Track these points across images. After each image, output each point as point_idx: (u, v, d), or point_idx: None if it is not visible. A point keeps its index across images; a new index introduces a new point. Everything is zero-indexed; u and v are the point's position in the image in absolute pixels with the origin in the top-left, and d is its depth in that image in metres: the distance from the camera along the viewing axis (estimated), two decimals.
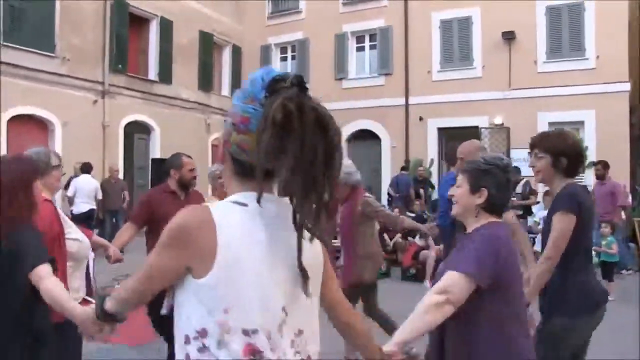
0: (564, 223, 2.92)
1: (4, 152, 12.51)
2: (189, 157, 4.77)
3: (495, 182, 2.34)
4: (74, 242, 3.15)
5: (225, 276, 1.42)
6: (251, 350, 1.43)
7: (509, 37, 15.68)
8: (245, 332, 1.43)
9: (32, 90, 13.07)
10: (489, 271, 2.17)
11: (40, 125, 13.61)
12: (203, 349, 1.44)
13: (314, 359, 1.59)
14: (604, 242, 8.50)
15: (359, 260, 4.86)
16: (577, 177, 3.13)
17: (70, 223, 3.27)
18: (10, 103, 12.48)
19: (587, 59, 15.10)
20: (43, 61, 13.46)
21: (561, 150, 3.08)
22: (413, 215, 11.55)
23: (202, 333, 1.44)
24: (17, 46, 12.84)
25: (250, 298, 1.44)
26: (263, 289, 1.46)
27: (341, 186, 4.67)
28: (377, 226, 6.06)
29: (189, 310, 1.46)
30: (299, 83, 1.50)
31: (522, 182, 11.39)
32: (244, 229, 1.46)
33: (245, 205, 1.48)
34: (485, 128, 16.02)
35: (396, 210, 11.38)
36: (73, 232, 3.21)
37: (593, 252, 8.55)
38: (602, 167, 10.78)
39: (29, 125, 13.18)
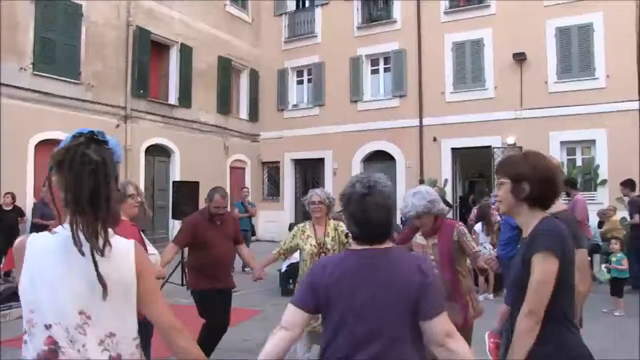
0: (546, 265, 2.34)
1: (30, 175, 13.07)
2: (224, 196, 5.57)
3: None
4: (152, 257, 3.98)
5: (29, 285, 1.85)
6: (51, 341, 1.83)
7: (520, 58, 15.98)
8: (46, 327, 1.83)
9: (59, 115, 13.60)
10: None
11: None
12: (25, 343, 1.89)
13: (125, 358, 1.91)
14: (613, 259, 8.68)
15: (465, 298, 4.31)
16: (587, 196, 3.25)
17: (147, 241, 4.12)
18: (38, 128, 13.03)
19: (597, 78, 15.32)
20: (69, 88, 14.02)
21: (522, 174, 2.50)
22: None
23: (25, 331, 1.90)
24: (46, 74, 13.43)
25: (46, 301, 1.83)
26: (56, 295, 1.82)
27: (424, 217, 4.24)
28: None
29: None
30: (90, 137, 1.89)
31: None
32: (46, 250, 1.86)
33: (56, 232, 1.89)
34: (498, 148, 16.24)
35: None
36: (149, 249, 4.00)
37: (604, 269, 8.83)
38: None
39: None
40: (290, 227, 13.66)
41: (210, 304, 5.39)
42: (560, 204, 3.00)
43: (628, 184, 10.75)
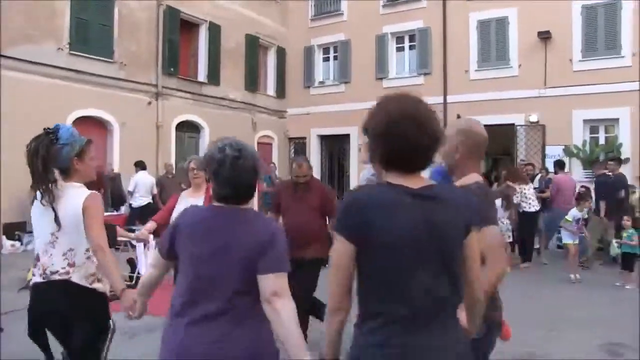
0: (335, 247, 1.95)
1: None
2: (300, 165, 5.47)
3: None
4: None
5: (33, 223, 3.30)
6: (35, 255, 3.23)
7: (544, 36, 16.03)
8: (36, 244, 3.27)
9: (94, 93, 14.20)
10: None
11: (100, 125, 14.74)
12: None
13: (78, 264, 3.14)
14: (625, 234, 8.97)
15: None
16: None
17: None
18: (75, 105, 13.65)
19: (623, 56, 15.28)
20: (103, 67, 14.58)
21: (365, 127, 2.06)
22: None
23: None
24: (82, 54, 14.02)
25: (35, 232, 3.27)
26: (37, 228, 3.24)
27: None
28: None
29: None
30: (47, 133, 3.14)
31: (539, 176, 11.74)
32: (35, 205, 3.20)
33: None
34: (521, 125, 16.42)
35: None
36: None
37: (615, 243, 9.12)
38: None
39: (91, 125, 14.28)
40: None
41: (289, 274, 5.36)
42: (473, 176, 2.69)
43: None
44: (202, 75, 18.03)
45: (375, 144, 2.00)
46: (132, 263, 8.64)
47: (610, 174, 11.32)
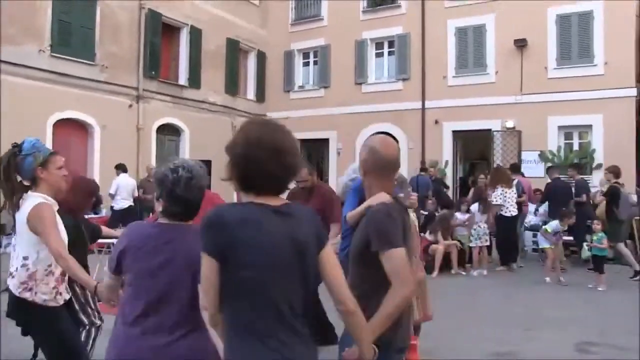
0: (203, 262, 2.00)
1: None
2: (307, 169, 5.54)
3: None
4: None
5: None
6: None
7: (521, 44, 16.40)
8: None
9: (75, 95, 14.20)
10: None
11: (81, 128, 14.73)
12: None
13: (14, 272, 3.35)
14: (595, 237, 9.28)
15: None
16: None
17: None
18: (56, 108, 13.64)
19: (595, 65, 15.72)
20: (85, 69, 14.60)
21: (226, 147, 2.09)
22: (426, 213, 12.33)
23: None
24: (64, 56, 14.03)
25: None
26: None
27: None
28: None
29: None
30: (13, 147, 3.38)
31: (515, 182, 12.02)
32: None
33: None
34: (498, 131, 16.77)
35: None
36: None
37: (585, 246, 9.43)
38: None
39: (72, 128, 14.32)
40: None
41: None
42: (380, 195, 2.62)
43: (612, 170, 11.28)
44: (182, 79, 18.08)
45: (232, 165, 2.04)
46: None
47: (571, 179, 12.07)
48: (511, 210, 10.92)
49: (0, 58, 12.37)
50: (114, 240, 8.14)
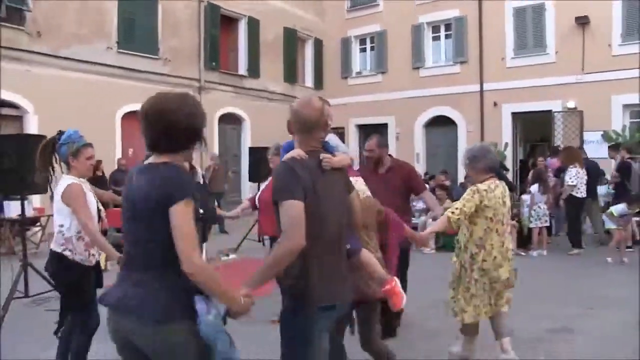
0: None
1: (119, 143, 14.37)
2: (372, 140, 5.65)
3: None
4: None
5: None
6: None
7: (582, 21, 16.00)
8: None
9: (140, 89, 14.74)
10: None
11: None
12: None
13: (54, 234, 4.09)
14: None
15: None
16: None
17: None
18: (123, 101, 14.28)
19: None
20: (149, 63, 15.23)
21: None
22: None
23: None
24: (129, 52, 14.70)
25: None
26: None
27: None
28: None
29: None
30: (57, 134, 4.07)
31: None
32: None
33: None
34: (558, 112, 16.46)
35: None
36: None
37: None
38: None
39: (139, 120, 14.92)
40: None
41: None
42: (294, 151, 2.75)
43: None
44: (242, 69, 18.54)
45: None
46: None
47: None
48: (582, 192, 10.74)
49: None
50: None
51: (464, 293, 4.50)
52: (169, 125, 2.31)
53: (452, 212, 4.36)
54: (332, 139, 3.32)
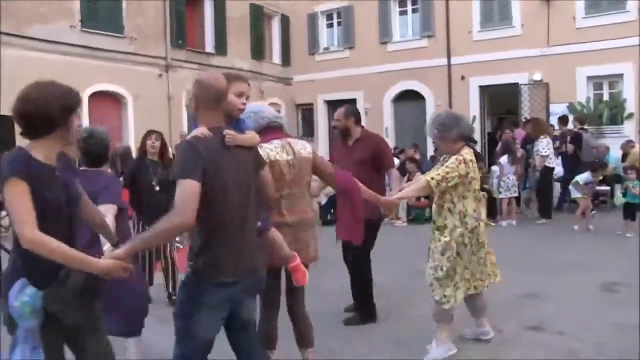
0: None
1: (86, 124, 14.13)
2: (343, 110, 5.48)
3: None
4: None
5: None
6: None
7: None
8: None
9: (107, 68, 14.59)
10: None
11: (114, 99, 15.17)
12: None
13: None
14: (631, 185, 9.33)
15: None
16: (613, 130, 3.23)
17: None
18: (89, 81, 14.03)
19: (628, 11, 15.29)
20: (114, 42, 14.95)
21: None
22: None
23: None
24: (93, 30, 14.42)
25: None
26: None
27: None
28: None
29: None
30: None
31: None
32: None
33: None
34: (525, 84, 16.69)
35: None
36: None
37: (619, 193, 9.55)
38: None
39: (106, 99, 14.76)
40: None
41: None
42: (199, 129, 2.70)
43: None
44: (209, 46, 18.35)
45: None
46: None
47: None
48: (553, 162, 11.01)
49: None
50: None
51: (463, 271, 4.22)
52: (24, 114, 2.41)
53: (432, 177, 4.04)
54: (265, 110, 3.57)
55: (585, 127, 12.92)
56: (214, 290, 2.67)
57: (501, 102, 19.18)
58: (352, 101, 19.99)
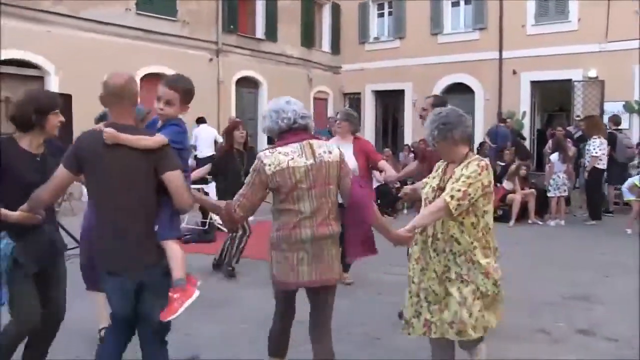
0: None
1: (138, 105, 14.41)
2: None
3: None
4: None
5: None
6: None
7: None
8: None
9: (159, 51, 14.83)
10: None
11: None
12: None
13: None
14: None
15: None
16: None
17: None
18: (142, 63, 14.29)
19: None
20: (167, 25, 15.18)
21: None
22: (503, 163, 12.31)
23: None
24: (148, 13, 14.66)
25: None
26: None
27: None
28: None
29: None
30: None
31: None
32: None
33: None
34: (579, 81, 16.25)
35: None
36: None
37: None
38: None
39: (157, 82, 14.82)
40: None
41: None
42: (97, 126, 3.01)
43: None
44: (260, 32, 18.45)
45: None
46: (203, 210, 9.19)
47: None
48: (604, 163, 10.66)
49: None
50: (204, 186, 8.77)
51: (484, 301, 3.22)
52: (10, 115, 3.22)
53: (452, 197, 3.12)
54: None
55: (620, 127, 12.55)
56: (105, 276, 2.94)
57: (553, 98, 18.76)
58: (400, 92, 19.96)
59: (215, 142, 13.38)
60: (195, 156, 13.40)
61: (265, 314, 3.62)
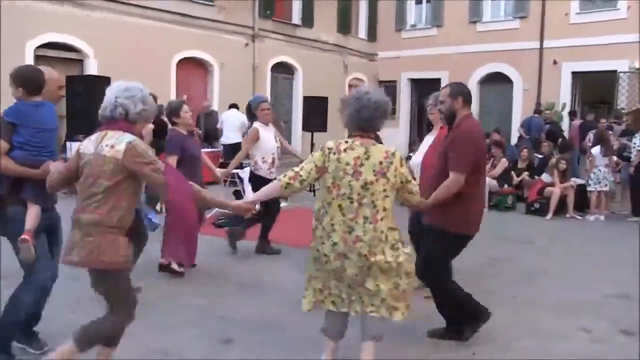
0: None
1: (173, 89, 14.45)
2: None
3: None
4: None
5: None
6: None
7: None
8: None
9: (195, 35, 14.84)
10: None
11: (201, 66, 15.45)
12: None
13: None
14: None
15: None
16: None
17: None
18: (178, 47, 14.34)
19: None
20: (204, 10, 15.15)
21: None
22: (541, 156, 12.06)
23: None
24: None
25: None
26: None
27: None
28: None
29: None
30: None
31: None
32: None
33: None
34: (624, 72, 15.71)
35: (524, 150, 11.96)
36: None
37: None
38: None
39: (193, 66, 15.06)
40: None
41: None
42: None
43: None
44: (296, 18, 18.34)
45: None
46: (237, 194, 9.21)
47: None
48: None
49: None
50: (239, 171, 8.75)
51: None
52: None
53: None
54: None
55: None
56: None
57: (595, 90, 18.26)
58: (437, 81, 19.57)
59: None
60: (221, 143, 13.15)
61: (297, 300, 3.66)
